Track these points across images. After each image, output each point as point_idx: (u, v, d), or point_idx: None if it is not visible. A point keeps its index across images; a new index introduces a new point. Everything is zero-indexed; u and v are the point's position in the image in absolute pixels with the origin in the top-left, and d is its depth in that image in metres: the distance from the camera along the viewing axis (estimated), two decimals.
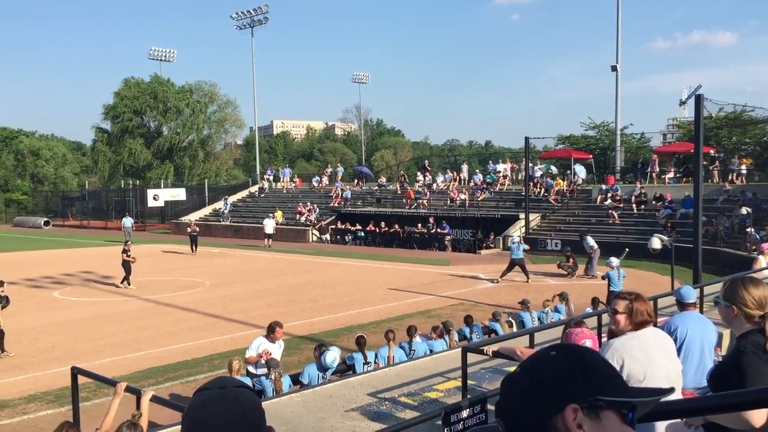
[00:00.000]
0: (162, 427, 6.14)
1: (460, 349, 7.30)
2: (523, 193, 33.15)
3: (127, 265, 22.58)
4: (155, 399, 5.64)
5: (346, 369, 10.46)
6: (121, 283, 22.66)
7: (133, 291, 21.96)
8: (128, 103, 67.79)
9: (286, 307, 18.74)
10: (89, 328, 16.53)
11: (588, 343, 3.52)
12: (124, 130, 68.27)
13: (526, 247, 23.91)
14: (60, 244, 40.20)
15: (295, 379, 9.76)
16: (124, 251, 22.73)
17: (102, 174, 70.53)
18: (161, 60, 71.44)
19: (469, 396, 5.82)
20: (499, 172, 39.16)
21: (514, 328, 12.86)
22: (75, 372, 5.28)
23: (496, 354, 6.08)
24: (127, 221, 41.27)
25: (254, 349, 10.17)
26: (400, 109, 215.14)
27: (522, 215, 32.48)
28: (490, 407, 5.13)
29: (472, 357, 6.81)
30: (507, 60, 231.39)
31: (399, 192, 41.61)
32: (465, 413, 4.72)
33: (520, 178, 38.28)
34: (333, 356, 9.48)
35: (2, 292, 14.47)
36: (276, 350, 10.28)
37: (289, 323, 16.44)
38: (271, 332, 10.40)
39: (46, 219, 58.63)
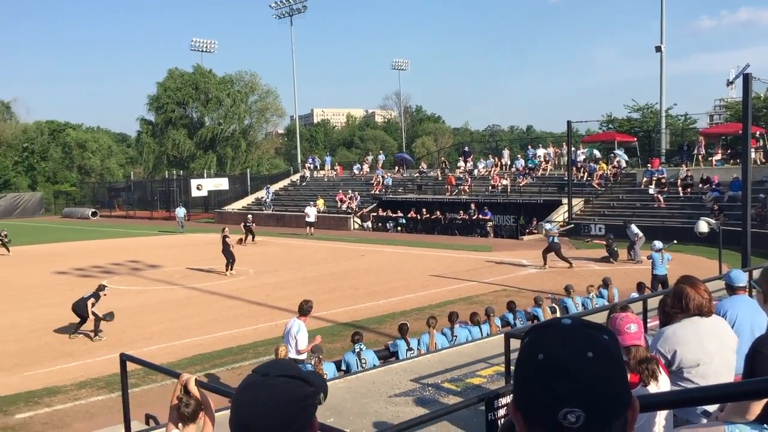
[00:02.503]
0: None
1: (502, 335, 7.27)
2: (566, 178, 32.71)
3: (228, 252, 22.97)
4: (198, 383, 5.72)
5: (389, 355, 10.51)
6: (227, 270, 22.98)
7: (179, 279, 22.35)
8: (171, 95, 68.78)
9: (328, 294, 18.86)
10: (137, 316, 16.90)
11: (633, 328, 3.46)
12: (168, 121, 69.33)
13: (554, 231, 23.62)
14: (107, 235, 41.13)
15: (337, 366, 9.84)
16: (225, 237, 23.07)
17: (147, 165, 71.81)
18: (203, 51, 72.28)
19: (512, 382, 5.78)
20: (541, 156, 38.71)
21: (558, 314, 12.74)
22: (123, 358, 5.39)
23: None
24: (180, 211, 42.04)
25: (304, 336, 10.15)
26: (439, 95, 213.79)
27: (565, 200, 32.06)
28: None
29: (515, 343, 6.77)
30: (548, 42, 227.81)
31: (440, 178, 41.47)
32: (509, 398, 4.69)
33: (562, 162, 37.76)
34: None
35: (104, 294, 15.24)
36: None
37: (332, 310, 16.60)
38: (309, 311, 10.48)
39: (93, 210, 60.01)
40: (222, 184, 54.39)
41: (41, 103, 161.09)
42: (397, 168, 48.25)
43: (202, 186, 52.75)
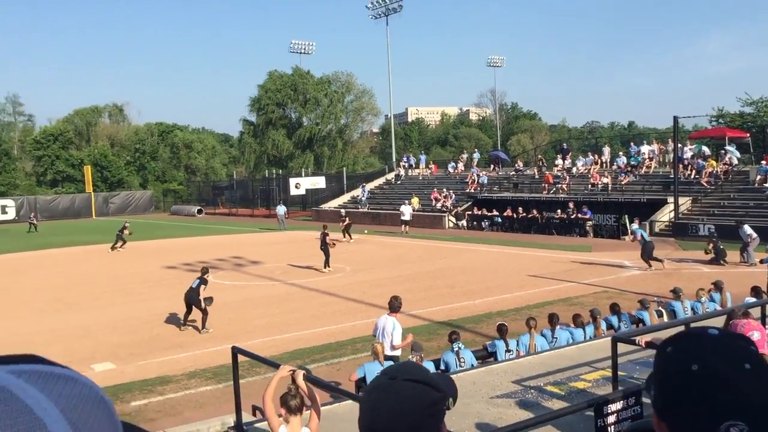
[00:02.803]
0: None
1: (607, 338, 7.07)
2: (672, 176, 31.39)
3: (326, 249, 23.64)
4: (306, 377, 5.88)
5: (487, 356, 10.43)
6: (325, 267, 23.56)
7: (279, 275, 22.98)
8: (272, 96, 70.72)
9: (424, 292, 18.90)
10: (240, 310, 17.51)
11: (756, 336, 3.30)
12: (268, 122, 71.33)
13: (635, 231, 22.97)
14: (212, 231, 42.79)
15: (435, 365, 9.84)
16: (324, 235, 23.75)
17: (248, 164, 74.13)
18: (301, 53, 73.87)
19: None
20: (644, 153, 37.32)
21: (665, 318, 12.26)
22: (235, 351, 5.60)
23: (650, 345, 5.82)
24: (281, 209, 43.23)
25: (399, 333, 10.29)
26: (536, 91, 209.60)
27: (670, 199, 30.79)
28: (645, 400, 4.93)
29: (622, 347, 6.57)
30: (652, 34, 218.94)
31: (537, 176, 40.74)
32: (619, 405, 4.57)
33: (667, 160, 36.27)
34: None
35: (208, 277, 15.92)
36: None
37: (428, 309, 16.64)
38: (400, 308, 10.54)
39: (199, 207, 62.55)
40: (319, 182, 55.47)
41: (151, 106, 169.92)
42: (492, 166, 47.76)
43: (300, 185, 53.97)
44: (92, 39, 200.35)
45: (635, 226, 25.14)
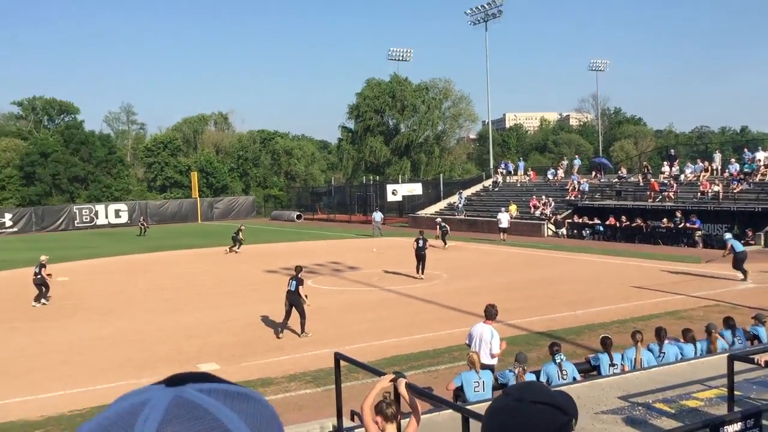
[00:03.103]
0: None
1: (721, 356, 6.70)
2: None
3: (417, 255, 23.66)
4: (408, 386, 5.86)
5: (589, 369, 10.11)
6: (418, 273, 23.64)
7: (377, 281, 23.16)
8: (370, 103, 71.57)
9: (522, 302, 18.57)
10: (339, 315, 17.76)
11: None
12: (366, 129, 72.20)
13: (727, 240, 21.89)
14: (310, 237, 43.68)
15: (536, 377, 9.63)
16: (418, 240, 23.85)
17: (346, 170, 75.27)
18: (399, 60, 74.41)
19: (737, 408, 5.30)
20: (760, 160, 35.26)
21: None
22: (337, 357, 5.67)
23: None
24: (377, 215, 43.65)
25: (498, 341, 10.21)
26: (641, 95, 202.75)
27: None
28: (766, 422, 4.63)
29: (739, 365, 6.21)
30: (767, 30, 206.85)
31: (641, 184, 39.25)
32: (737, 426, 4.30)
33: None
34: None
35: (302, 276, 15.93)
36: None
37: (527, 318, 16.33)
38: (496, 316, 10.38)
39: (298, 213, 64.05)
40: (416, 189, 55.59)
41: (254, 114, 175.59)
42: (593, 173, 46.40)
43: (397, 191, 54.29)
44: (200, 50, 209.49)
45: (728, 235, 23.89)
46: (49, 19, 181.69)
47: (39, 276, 21.01)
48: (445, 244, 34.18)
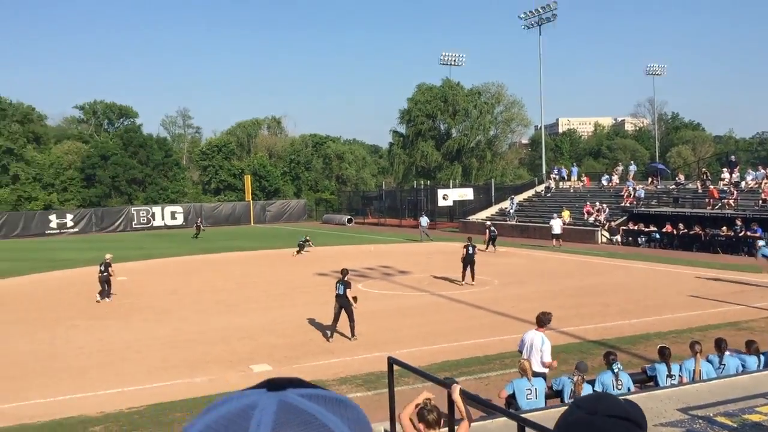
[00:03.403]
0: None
1: None
2: None
3: (465, 261, 23.42)
4: (463, 393, 5.83)
5: (646, 380, 9.87)
6: (463, 280, 23.41)
7: (427, 286, 23.11)
8: (422, 107, 71.60)
9: (575, 309, 18.27)
10: (389, 319, 17.77)
11: None
12: (418, 133, 72.24)
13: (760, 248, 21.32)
14: (361, 240, 43.86)
15: (591, 386, 9.45)
16: (467, 246, 23.65)
17: (397, 175, 75.41)
18: (451, 65, 74.22)
19: None
20: None
21: None
22: (391, 362, 5.66)
23: None
24: (424, 220, 43.59)
25: (549, 349, 10.08)
26: (699, 100, 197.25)
27: None
28: None
29: None
30: None
31: (700, 191, 38.24)
32: None
33: None
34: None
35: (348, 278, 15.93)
36: None
37: (580, 326, 16.06)
38: (548, 323, 10.28)
39: (349, 217, 64.39)
40: (467, 194, 55.30)
41: (306, 118, 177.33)
42: (650, 179, 45.38)
43: (448, 196, 54.08)
44: (254, 55, 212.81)
45: (762, 242, 23.67)
46: (110, 25, 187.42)
47: (105, 274, 21.99)
48: (495, 248, 33.96)
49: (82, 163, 69.23)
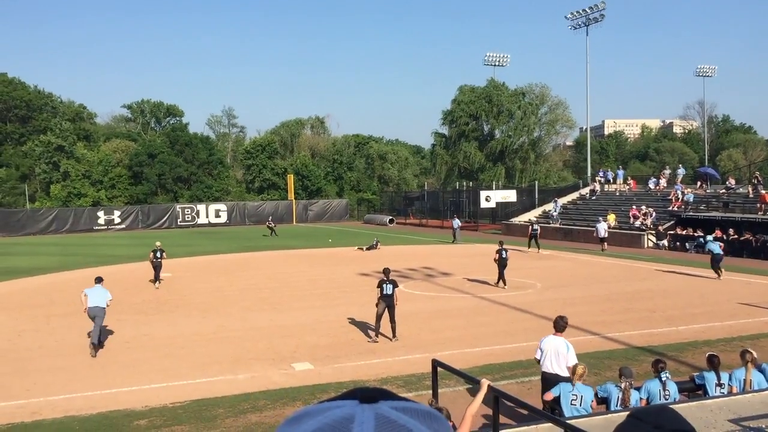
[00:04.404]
0: (509, 426, 6.27)
1: None
2: None
3: (500, 264, 23.09)
4: (491, 389, 5.72)
5: (694, 388, 9.63)
6: (498, 283, 23.14)
7: (469, 288, 22.96)
8: (465, 108, 71.26)
9: (621, 315, 17.97)
10: (431, 320, 17.70)
11: None
12: (460, 134, 71.91)
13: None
14: (403, 241, 43.83)
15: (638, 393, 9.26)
16: (500, 250, 23.24)
17: (439, 175, 75.19)
18: (495, 65, 73.75)
19: None
20: None
21: None
22: (435, 364, 5.62)
23: None
24: (456, 222, 43.47)
25: (574, 353, 9.98)
26: (751, 102, 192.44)
27: None
28: None
29: None
30: None
31: (751, 195, 37.23)
32: None
33: None
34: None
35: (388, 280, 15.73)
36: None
37: (625, 332, 15.77)
38: (566, 326, 10.31)
39: (390, 217, 64.43)
40: (510, 196, 54.84)
41: (349, 119, 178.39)
42: (699, 183, 44.38)
43: (491, 197, 53.70)
44: (299, 56, 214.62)
45: (709, 237, 26.95)
46: (158, 25, 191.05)
47: (159, 260, 24.55)
48: (539, 249, 33.68)
49: (130, 161, 70.70)
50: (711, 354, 9.92)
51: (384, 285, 15.36)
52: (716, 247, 25.42)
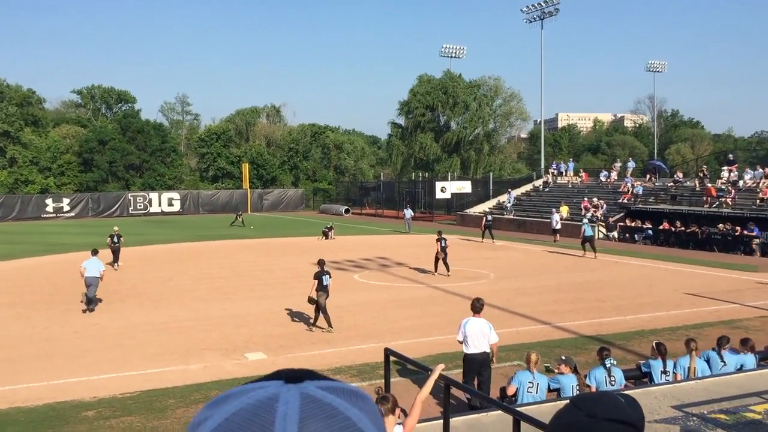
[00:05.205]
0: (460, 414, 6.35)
1: None
2: None
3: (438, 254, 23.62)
4: (443, 376, 5.79)
5: (640, 376, 9.90)
6: (436, 271, 23.65)
7: (423, 278, 23.12)
8: (421, 99, 71.39)
9: (571, 304, 18.31)
10: (385, 310, 17.77)
11: None
12: (417, 125, 72.06)
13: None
14: (359, 231, 43.83)
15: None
16: (441, 240, 23.78)
17: (395, 166, 75.29)
18: (452, 57, 74.03)
19: None
20: None
21: None
22: (387, 353, 5.65)
23: None
24: (408, 212, 43.72)
25: (493, 331, 10.68)
26: (699, 98, 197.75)
27: None
28: None
29: None
30: None
31: (698, 189, 38.28)
32: None
33: None
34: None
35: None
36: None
37: (575, 322, 16.08)
38: (483, 307, 10.92)
39: (346, 207, 64.34)
40: (465, 187, 55.25)
41: (306, 108, 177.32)
42: (648, 176, 45.42)
43: (446, 188, 54.04)
44: (254, 44, 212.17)
45: (585, 220, 30.50)
46: (110, 9, 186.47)
47: (117, 244, 25.67)
48: (493, 240, 34.10)
49: (80, 148, 68.98)
50: (657, 342, 10.20)
51: (323, 276, 15.35)
52: (588, 229, 29.06)
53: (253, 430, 0.74)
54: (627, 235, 36.90)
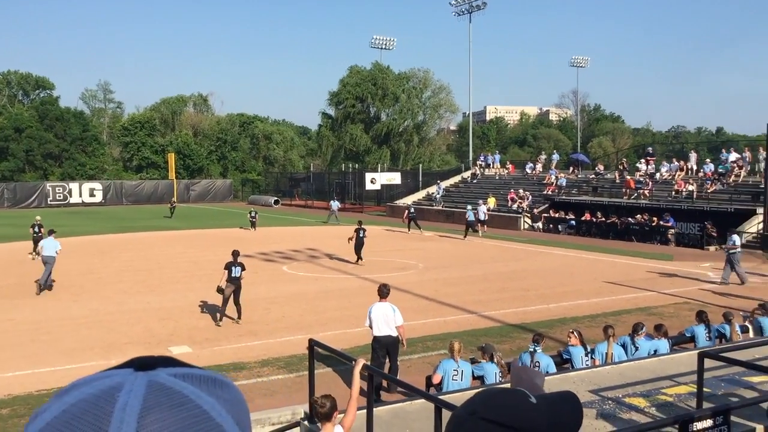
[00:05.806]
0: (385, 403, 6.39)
1: (691, 353, 6.78)
2: (762, 186, 29.94)
3: (359, 243, 24.30)
4: (366, 368, 5.82)
5: (561, 362, 10.19)
6: (358, 261, 24.22)
7: (352, 269, 23.16)
8: (351, 90, 71.28)
9: (497, 294, 18.70)
10: (314, 301, 17.71)
11: None
12: (347, 116, 71.93)
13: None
14: (288, 222, 43.50)
15: (508, 368, 9.68)
16: (360, 230, 24.44)
17: (325, 157, 74.99)
18: (382, 48, 74.19)
19: (706, 404, 5.35)
20: (734, 161, 35.70)
21: (751, 334, 11.69)
22: (312, 344, 5.63)
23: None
24: (335, 203, 43.83)
25: (399, 313, 11.04)
26: (620, 93, 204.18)
27: (760, 210, 29.41)
28: (734, 419, 4.68)
29: (709, 362, 6.28)
30: (745, 33, 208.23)
31: (617, 181, 39.64)
32: (707, 423, 4.34)
33: (758, 168, 34.62)
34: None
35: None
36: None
37: (501, 311, 16.42)
38: (387, 294, 11.29)
39: (276, 198, 63.70)
40: (395, 178, 55.55)
41: (234, 97, 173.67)
42: (571, 168, 46.74)
43: (376, 180, 54.18)
44: (180, 31, 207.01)
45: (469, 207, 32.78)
46: None
47: (39, 234, 25.17)
48: (420, 230, 34.50)
49: None
50: (574, 329, 10.53)
51: (232, 267, 15.17)
52: (471, 215, 33.01)
53: (88, 421, 0.69)
54: (551, 225, 37.89)
